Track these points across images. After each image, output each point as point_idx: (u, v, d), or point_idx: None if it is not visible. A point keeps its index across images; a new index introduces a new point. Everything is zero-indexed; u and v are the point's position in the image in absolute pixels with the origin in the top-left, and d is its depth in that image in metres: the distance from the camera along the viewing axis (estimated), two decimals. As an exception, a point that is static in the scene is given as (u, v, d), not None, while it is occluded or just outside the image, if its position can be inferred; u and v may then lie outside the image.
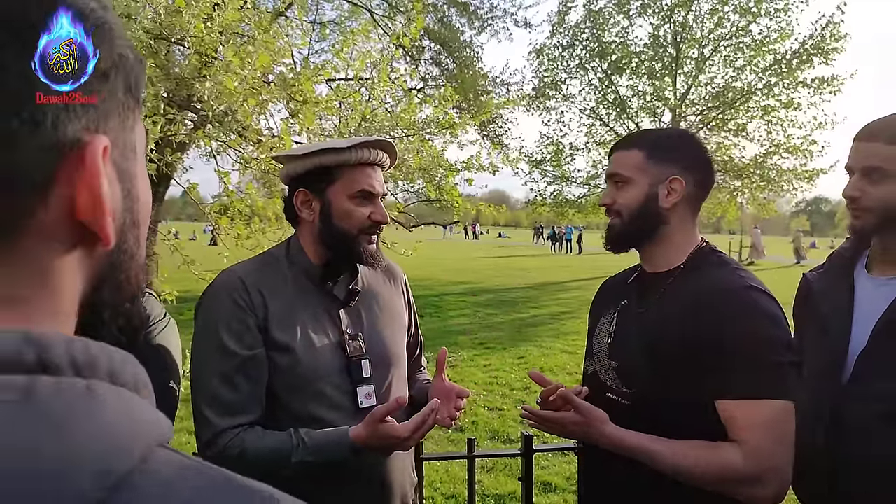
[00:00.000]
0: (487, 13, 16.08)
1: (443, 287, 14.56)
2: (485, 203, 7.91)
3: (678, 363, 1.25)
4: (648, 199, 1.35)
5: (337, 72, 5.05)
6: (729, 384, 1.20)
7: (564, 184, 19.57)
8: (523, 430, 2.06)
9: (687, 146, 1.40)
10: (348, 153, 1.36)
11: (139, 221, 0.43)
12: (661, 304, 1.34)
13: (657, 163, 1.35)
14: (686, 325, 1.25)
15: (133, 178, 0.42)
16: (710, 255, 1.37)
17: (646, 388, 1.31)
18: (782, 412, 1.18)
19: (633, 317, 1.40)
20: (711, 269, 1.33)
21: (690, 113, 18.23)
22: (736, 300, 1.24)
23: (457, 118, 6.57)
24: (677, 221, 1.36)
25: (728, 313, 1.22)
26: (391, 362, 1.46)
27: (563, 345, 8.52)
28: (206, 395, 1.27)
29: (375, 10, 12.48)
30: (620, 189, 1.38)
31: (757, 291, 1.25)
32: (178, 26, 3.77)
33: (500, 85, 16.77)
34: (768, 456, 1.18)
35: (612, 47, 18.11)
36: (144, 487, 0.32)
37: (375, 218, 1.39)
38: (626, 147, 1.39)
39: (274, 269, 1.40)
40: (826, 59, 16.33)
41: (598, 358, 1.44)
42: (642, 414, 1.29)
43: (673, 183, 1.34)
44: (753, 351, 1.20)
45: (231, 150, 4.76)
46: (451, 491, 3.92)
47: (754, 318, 1.22)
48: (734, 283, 1.27)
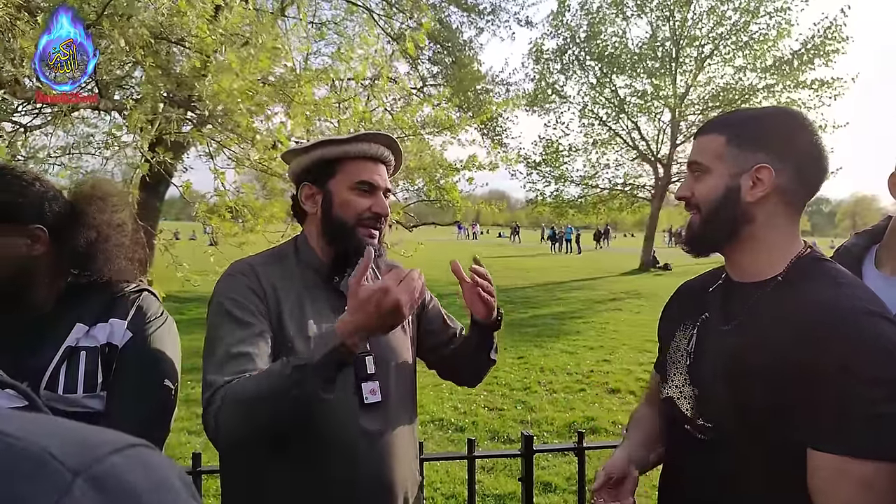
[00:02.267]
0: (489, 11, 16.08)
1: (443, 287, 14.54)
2: (485, 202, 7.91)
3: (763, 397, 1.03)
4: (729, 191, 1.14)
5: (339, 78, 5.05)
6: (820, 433, 0.97)
7: (563, 184, 19.59)
8: (523, 431, 2.06)
9: (782, 128, 1.15)
10: (348, 145, 1.38)
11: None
12: (748, 324, 1.12)
13: (741, 149, 1.14)
14: (777, 352, 1.03)
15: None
16: (815, 264, 1.13)
17: (726, 425, 1.10)
18: (880, 476, 0.93)
19: (715, 334, 1.18)
20: (817, 283, 1.08)
21: (690, 113, 18.23)
22: (849, 327, 0.99)
23: (456, 119, 6.58)
24: (766, 219, 1.14)
25: (836, 344, 0.97)
26: (395, 359, 1.46)
27: (563, 345, 8.52)
28: (212, 364, 1.24)
29: (374, 9, 12.47)
30: (699, 180, 1.19)
31: (879, 318, 1.00)
32: (179, 27, 3.77)
33: (499, 84, 16.79)
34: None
35: (610, 47, 18.12)
36: None
37: (375, 210, 1.40)
38: (707, 131, 1.20)
39: (283, 264, 1.41)
40: (827, 61, 16.34)
41: (674, 382, 1.24)
42: (721, 455, 1.11)
43: (759, 172, 1.11)
44: (860, 394, 0.94)
45: (227, 150, 4.76)
46: (451, 491, 3.92)
47: (871, 353, 0.96)
48: (848, 305, 1.02)
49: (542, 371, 7.10)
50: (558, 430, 5.15)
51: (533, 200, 20.01)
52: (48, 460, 0.32)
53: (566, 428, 5.17)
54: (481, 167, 6.64)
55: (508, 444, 4.72)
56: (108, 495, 0.32)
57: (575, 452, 2.01)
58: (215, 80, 3.70)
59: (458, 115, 7.50)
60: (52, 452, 0.32)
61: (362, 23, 11.49)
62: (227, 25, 3.83)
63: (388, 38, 10.65)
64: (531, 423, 5.31)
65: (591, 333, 9.49)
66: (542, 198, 19.62)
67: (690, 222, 1.22)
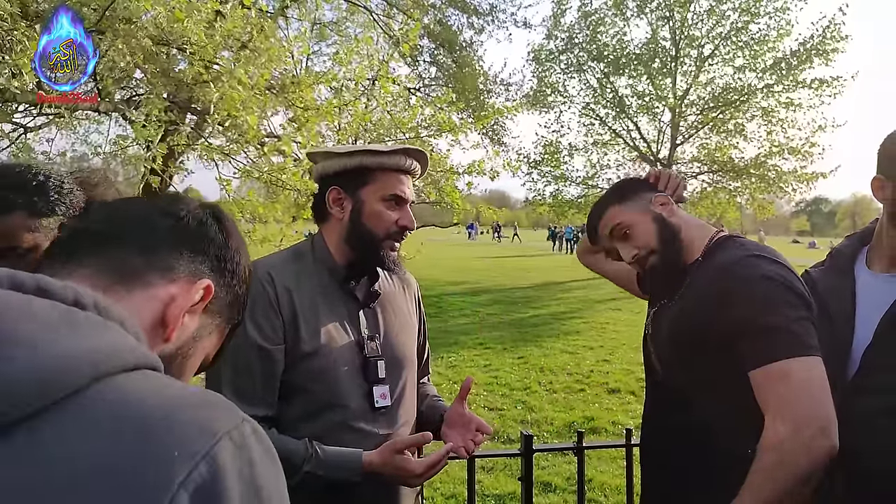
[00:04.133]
0: (487, 13, 16.08)
1: (443, 287, 14.55)
2: (485, 205, 7.92)
3: (695, 347, 1.32)
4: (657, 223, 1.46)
5: (338, 81, 5.06)
6: (746, 356, 1.24)
7: (563, 184, 19.59)
8: (523, 431, 2.06)
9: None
10: (388, 157, 1.38)
11: None
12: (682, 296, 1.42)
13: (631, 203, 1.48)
14: (698, 310, 1.33)
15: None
16: (724, 241, 1.43)
17: (675, 374, 1.42)
18: (800, 368, 1.18)
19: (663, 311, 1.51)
20: (722, 252, 1.39)
21: (690, 113, 18.24)
22: (737, 271, 1.29)
23: (457, 121, 6.58)
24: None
25: (731, 286, 1.27)
26: (404, 365, 1.47)
27: (563, 345, 8.52)
28: (222, 382, 1.26)
29: (374, 9, 12.47)
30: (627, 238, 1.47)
31: (758, 258, 1.30)
32: (179, 33, 3.77)
33: (499, 84, 16.78)
34: (800, 409, 1.16)
35: (610, 48, 18.12)
36: (80, 410, 0.40)
37: (403, 223, 1.40)
38: (601, 211, 1.50)
39: (300, 265, 1.41)
40: (826, 60, 16.34)
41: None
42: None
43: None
44: (754, 317, 1.22)
45: (232, 158, 4.77)
46: (450, 491, 3.92)
47: (753, 284, 1.25)
48: (735, 256, 1.33)
49: (542, 371, 7.10)
50: (558, 430, 5.15)
51: (531, 201, 20.01)
52: (225, 402, 0.48)
53: (566, 428, 5.17)
54: (482, 173, 6.65)
55: (508, 443, 4.72)
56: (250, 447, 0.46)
57: (574, 452, 2.01)
58: (219, 88, 3.70)
59: (459, 118, 7.51)
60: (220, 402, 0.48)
61: (363, 23, 11.50)
62: (226, 31, 3.83)
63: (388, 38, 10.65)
64: (531, 423, 5.31)
65: (591, 333, 9.49)
66: (542, 198, 19.63)
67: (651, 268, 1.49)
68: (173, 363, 0.62)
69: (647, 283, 1.56)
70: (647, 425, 1.54)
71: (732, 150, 18.08)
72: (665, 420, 1.46)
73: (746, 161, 17.75)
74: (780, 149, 17.23)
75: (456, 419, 1.48)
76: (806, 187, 17.54)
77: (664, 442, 1.45)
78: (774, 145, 17.34)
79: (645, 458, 1.56)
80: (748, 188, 18.00)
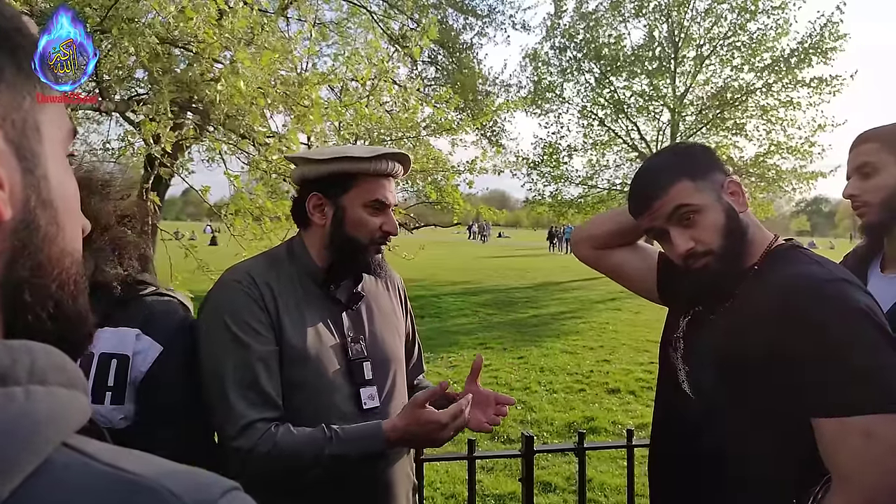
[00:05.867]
0: (486, 15, 16.10)
1: (443, 287, 14.55)
2: (485, 206, 7.92)
3: (747, 375, 1.12)
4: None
5: (340, 81, 5.05)
6: (817, 399, 1.04)
7: (562, 184, 19.59)
8: (524, 431, 2.06)
9: None
10: (369, 163, 1.35)
11: (52, 202, 0.42)
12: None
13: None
14: (757, 331, 1.11)
15: (37, 157, 0.42)
16: (790, 252, 1.21)
17: (712, 401, 1.20)
18: (886, 429, 0.98)
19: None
20: (791, 266, 1.18)
21: (689, 113, 18.24)
22: (822, 295, 1.06)
23: (457, 120, 6.57)
24: None
25: (812, 312, 1.05)
26: (391, 365, 1.47)
27: (563, 345, 8.52)
28: (229, 388, 1.24)
29: (374, 10, 12.46)
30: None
31: (848, 284, 1.08)
32: (185, 31, 3.76)
33: (498, 85, 16.80)
34: (882, 479, 0.99)
35: (608, 48, 18.12)
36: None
37: (386, 229, 1.39)
38: (668, 182, 1.22)
39: (279, 269, 1.39)
40: (825, 59, 16.35)
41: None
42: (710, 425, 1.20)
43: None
44: (842, 356, 1.01)
45: (240, 153, 4.77)
46: (451, 491, 3.92)
47: (846, 316, 1.03)
48: (816, 275, 1.10)
49: (542, 371, 7.10)
50: (558, 430, 5.15)
51: (531, 201, 20.02)
52: (169, 497, 0.35)
53: (566, 428, 5.17)
54: (483, 171, 6.63)
55: (508, 444, 4.72)
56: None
57: (575, 453, 2.01)
58: (228, 84, 3.69)
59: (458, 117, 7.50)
60: (172, 490, 0.35)
61: (363, 24, 11.50)
62: (233, 29, 3.82)
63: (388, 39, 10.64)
64: (531, 422, 5.31)
65: (590, 333, 9.48)
66: (542, 198, 19.64)
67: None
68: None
69: (687, 287, 1.27)
70: (666, 451, 1.34)
71: (732, 149, 18.08)
72: (699, 458, 1.22)
73: (746, 160, 17.75)
74: (778, 148, 17.22)
75: (474, 398, 1.45)
76: (806, 187, 17.56)
77: (688, 472, 1.26)
78: (774, 144, 17.35)
79: (660, 485, 1.37)
80: (748, 188, 17.94)
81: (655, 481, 1.37)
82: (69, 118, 0.46)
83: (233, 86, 3.67)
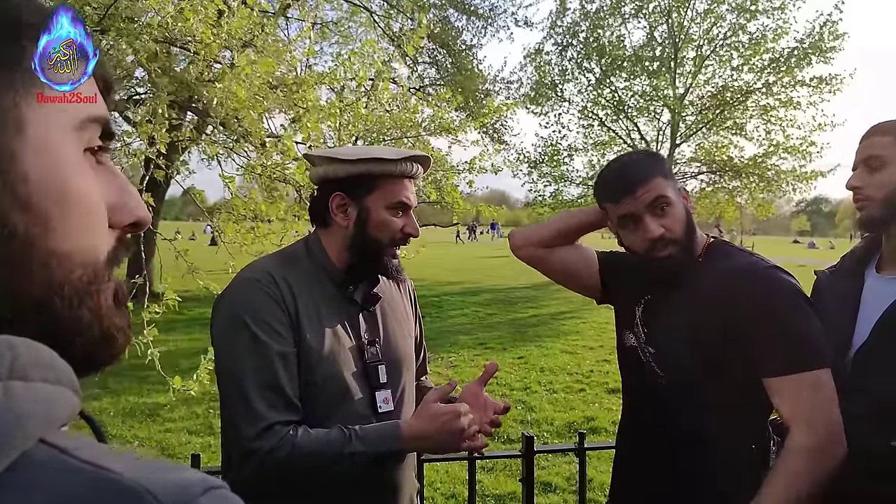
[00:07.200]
0: (488, 12, 16.09)
1: (443, 287, 14.55)
2: (485, 205, 7.92)
3: (714, 351, 1.33)
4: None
5: (339, 81, 5.05)
6: (773, 362, 1.29)
7: (563, 184, 19.58)
8: (524, 431, 2.06)
9: None
10: (395, 165, 1.34)
11: (35, 204, 0.39)
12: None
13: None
14: (713, 314, 1.34)
15: (11, 156, 0.39)
16: (724, 246, 1.48)
17: (682, 377, 1.39)
18: (828, 379, 1.27)
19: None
20: (730, 259, 1.42)
21: (689, 113, 18.25)
22: (763, 279, 1.34)
23: (457, 120, 6.57)
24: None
25: (757, 294, 1.31)
26: (404, 367, 1.46)
27: (563, 345, 8.53)
28: (249, 389, 1.22)
29: (374, 10, 12.47)
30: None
31: (777, 269, 1.36)
32: (183, 31, 3.76)
33: (499, 83, 16.79)
34: (831, 418, 1.25)
35: (609, 48, 18.12)
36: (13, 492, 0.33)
37: (408, 231, 1.38)
38: (646, 176, 1.37)
39: (297, 268, 1.37)
40: (825, 59, 16.34)
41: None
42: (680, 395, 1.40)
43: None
44: (786, 326, 1.28)
45: (235, 156, 4.77)
46: (451, 491, 3.92)
47: (786, 295, 1.32)
48: (753, 264, 1.39)
49: (542, 371, 7.10)
50: (558, 430, 5.15)
51: (532, 202, 20.00)
52: (146, 497, 0.34)
53: (566, 428, 5.17)
54: (482, 170, 6.63)
55: (509, 444, 4.72)
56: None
57: (576, 453, 2.01)
58: (226, 86, 3.69)
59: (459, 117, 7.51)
60: (151, 490, 0.35)
61: (363, 24, 11.51)
62: (231, 29, 3.81)
63: (388, 39, 10.65)
64: (531, 422, 5.31)
65: (590, 333, 9.49)
66: (542, 198, 19.62)
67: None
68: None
69: (649, 274, 1.43)
70: (644, 432, 1.48)
71: (732, 148, 18.08)
72: (671, 425, 1.40)
73: (745, 160, 17.74)
74: (777, 147, 17.21)
75: (470, 400, 1.42)
76: (805, 186, 17.54)
77: (669, 447, 1.41)
78: (773, 144, 17.33)
79: (641, 465, 1.48)
80: (747, 188, 17.99)
81: (628, 461, 1.53)
82: (95, 110, 0.45)
83: (231, 91, 3.67)
